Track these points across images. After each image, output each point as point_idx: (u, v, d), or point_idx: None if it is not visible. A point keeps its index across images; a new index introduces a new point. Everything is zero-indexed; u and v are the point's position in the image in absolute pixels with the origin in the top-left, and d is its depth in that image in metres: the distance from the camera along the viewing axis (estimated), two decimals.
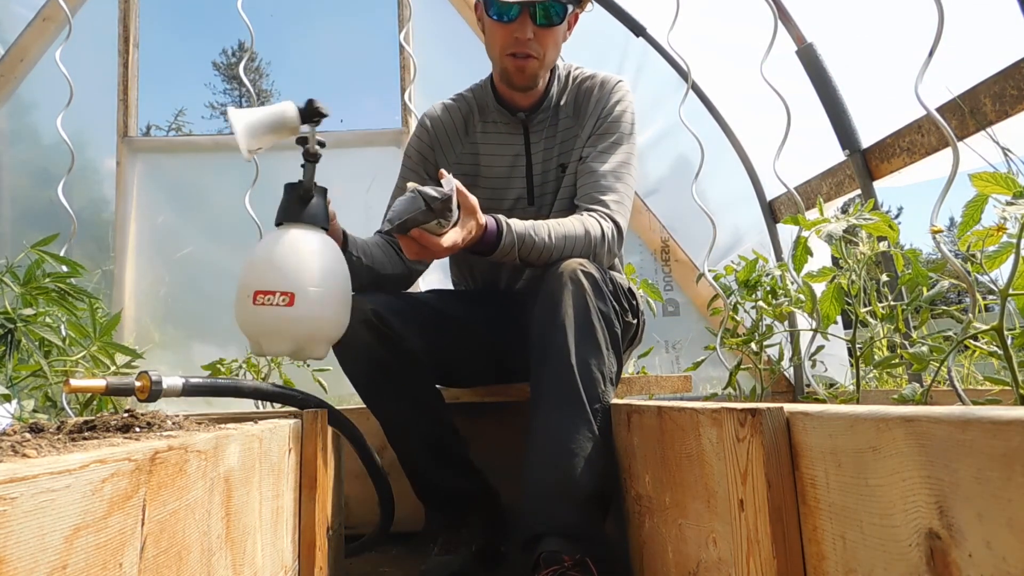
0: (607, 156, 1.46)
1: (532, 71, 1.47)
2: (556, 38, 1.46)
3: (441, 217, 1.13)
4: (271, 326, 1.09)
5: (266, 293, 1.07)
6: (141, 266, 2.85)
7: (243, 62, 2.42)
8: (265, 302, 1.07)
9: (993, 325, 0.87)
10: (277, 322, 1.08)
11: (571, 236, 1.34)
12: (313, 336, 1.12)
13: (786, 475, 0.67)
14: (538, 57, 1.45)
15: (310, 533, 1.15)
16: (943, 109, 1.66)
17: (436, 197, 1.10)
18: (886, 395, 1.71)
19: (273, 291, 1.07)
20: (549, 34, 1.44)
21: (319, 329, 1.12)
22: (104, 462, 0.47)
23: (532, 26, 1.42)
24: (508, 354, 1.57)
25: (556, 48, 1.48)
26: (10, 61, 2.86)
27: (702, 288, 2.67)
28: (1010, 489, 0.39)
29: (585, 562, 1.13)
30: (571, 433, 1.19)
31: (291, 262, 1.10)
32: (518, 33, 1.42)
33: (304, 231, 1.13)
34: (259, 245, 1.15)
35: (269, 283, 1.08)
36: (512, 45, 1.43)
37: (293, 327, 1.09)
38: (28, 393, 1.44)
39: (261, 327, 1.10)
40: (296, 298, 1.07)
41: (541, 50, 1.44)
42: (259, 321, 1.09)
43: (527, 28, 1.41)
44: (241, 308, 1.11)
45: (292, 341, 1.11)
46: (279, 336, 1.10)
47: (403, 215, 1.10)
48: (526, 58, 1.44)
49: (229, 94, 29.63)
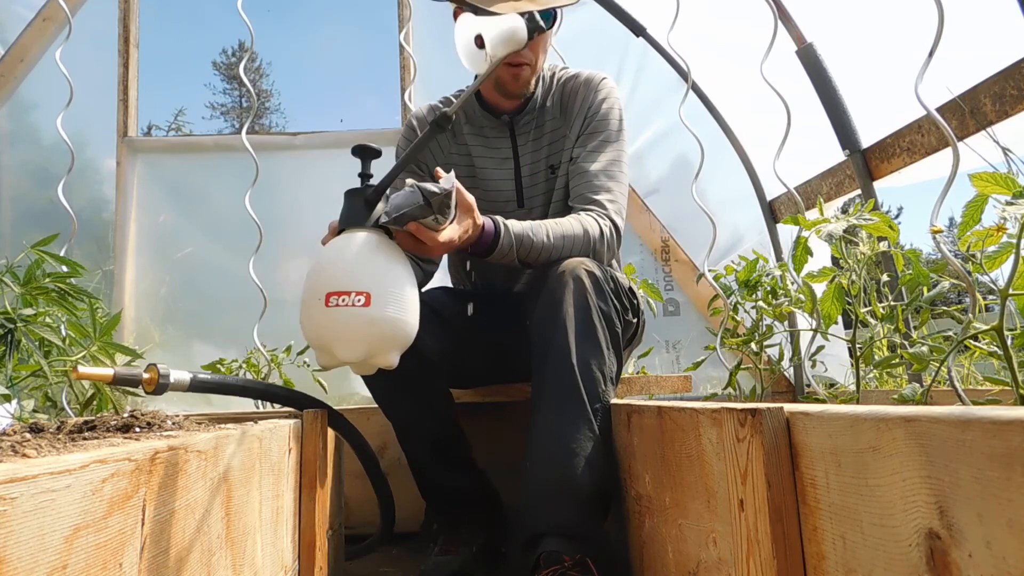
0: (597, 155, 1.46)
1: (526, 78, 1.47)
2: (546, 43, 1.47)
3: (439, 213, 1.12)
4: (346, 328, 1.03)
5: (340, 293, 1.02)
6: (141, 266, 2.85)
7: (243, 62, 2.42)
8: (340, 303, 1.01)
9: (993, 325, 0.87)
10: (353, 322, 1.02)
11: (570, 236, 1.34)
12: (388, 337, 1.06)
13: (786, 475, 0.67)
14: (531, 64, 1.45)
15: (310, 533, 1.16)
16: (943, 109, 1.67)
17: (435, 192, 1.10)
18: (886, 395, 1.71)
19: (348, 291, 1.01)
20: (540, 40, 1.44)
21: (395, 330, 1.06)
22: (104, 462, 0.47)
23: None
24: (508, 354, 1.57)
25: (545, 52, 1.50)
26: (10, 61, 2.86)
27: (703, 288, 2.67)
28: (1010, 489, 0.39)
29: (585, 562, 1.13)
30: (572, 432, 1.19)
31: (364, 262, 1.05)
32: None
33: (372, 234, 1.09)
34: (325, 250, 1.10)
35: (343, 283, 1.02)
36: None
37: (370, 328, 1.03)
38: (28, 393, 1.44)
39: (335, 330, 1.04)
40: (372, 297, 1.02)
41: (533, 57, 1.45)
42: (332, 324, 1.03)
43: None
44: (310, 313, 1.05)
45: (367, 343, 1.04)
46: (355, 338, 1.03)
47: (401, 208, 1.09)
48: (520, 67, 1.44)
49: (229, 94, 29.65)
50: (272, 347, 2.13)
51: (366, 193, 1.11)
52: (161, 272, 2.86)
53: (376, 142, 1.21)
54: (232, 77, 28.95)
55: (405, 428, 1.47)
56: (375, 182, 1.13)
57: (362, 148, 1.17)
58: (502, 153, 1.57)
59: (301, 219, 2.90)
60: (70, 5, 2.57)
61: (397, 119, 2.90)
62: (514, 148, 1.56)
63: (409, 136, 1.61)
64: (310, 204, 2.88)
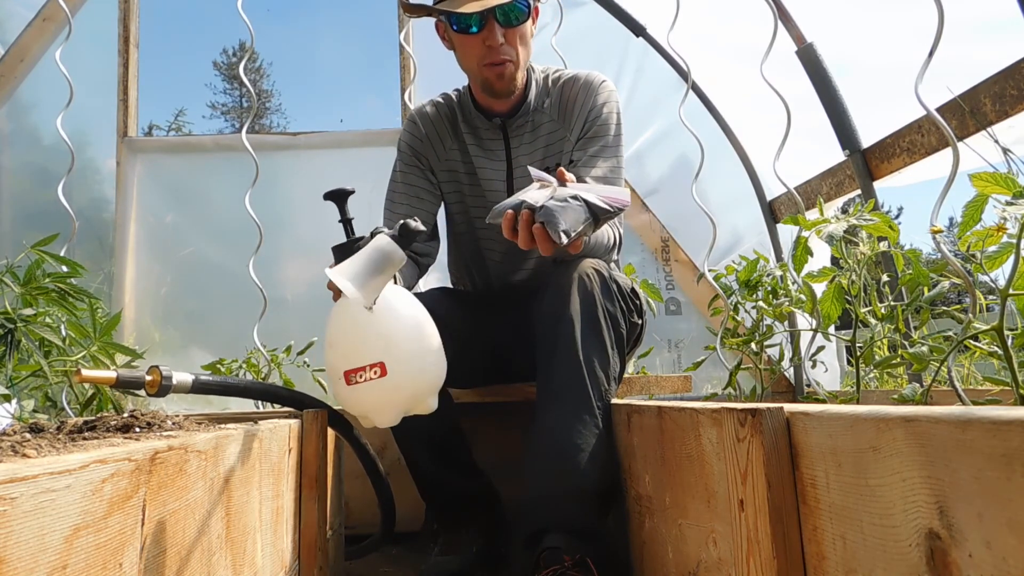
0: (598, 160, 1.46)
1: (510, 74, 1.45)
2: (525, 36, 1.45)
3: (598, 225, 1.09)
4: (373, 402, 1.03)
5: (356, 371, 1.00)
6: (141, 266, 2.85)
7: (243, 62, 2.42)
8: (358, 379, 1.00)
9: (993, 325, 0.87)
10: (377, 395, 1.01)
11: (600, 240, 1.37)
12: (416, 395, 1.05)
13: (786, 475, 0.67)
14: (512, 60, 1.44)
15: (310, 533, 1.15)
16: (943, 109, 1.66)
17: (608, 211, 1.05)
18: (886, 395, 1.71)
19: (362, 366, 1.00)
20: (517, 33, 1.42)
21: (420, 384, 1.05)
22: (104, 462, 0.47)
23: (500, 30, 1.40)
24: (508, 354, 1.57)
25: (527, 46, 1.47)
26: (10, 61, 2.86)
27: (703, 287, 2.67)
28: (1010, 489, 0.39)
29: (586, 562, 1.13)
30: (577, 427, 1.20)
31: (370, 332, 1.02)
32: (489, 41, 1.40)
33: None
34: (329, 324, 1.07)
35: (355, 360, 1.01)
36: (486, 55, 1.42)
37: (395, 394, 1.02)
38: (28, 393, 1.44)
39: (363, 406, 1.04)
40: (388, 365, 1.00)
41: (513, 51, 1.43)
42: (359, 401, 1.03)
43: (496, 33, 1.40)
44: (337, 391, 1.04)
45: (398, 407, 1.04)
46: (385, 408, 1.04)
47: (575, 228, 1.03)
48: (502, 64, 1.43)
49: (230, 94, 29.64)
50: (272, 347, 2.13)
51: (354, 248, 1.07)
52: (161, 272, 2.86)
53: (376, 142, 1.21)
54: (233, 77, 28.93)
55: (404, 429, 1.47)
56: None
57: (336, 193, 1.14)
58: (496, 155, 1.57)
59: (301, 219, 2.91)
60: (70, 5, 2.57)
61: (397, 119, 2.90)
62: (507, 150, 1.56)
63: (411, 131, 1.61)
64: (310, 204, 2.87)
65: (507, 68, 1.44)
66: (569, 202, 1.03)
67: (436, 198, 1.61)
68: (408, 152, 1.60)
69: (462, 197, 1.61)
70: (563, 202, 1.03)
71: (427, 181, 1.59)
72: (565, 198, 1.04)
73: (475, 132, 1.58)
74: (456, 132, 1.59)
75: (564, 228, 1.00)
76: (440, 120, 1.59)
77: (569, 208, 1.02)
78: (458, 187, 1.61)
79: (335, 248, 1.12)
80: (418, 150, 1.59)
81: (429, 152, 1.59)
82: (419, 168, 1.59)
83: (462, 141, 1.58)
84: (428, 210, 1.58)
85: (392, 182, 1.61)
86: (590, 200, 1.04)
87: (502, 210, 1.06)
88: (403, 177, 1.59)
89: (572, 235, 1.01)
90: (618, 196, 1.07)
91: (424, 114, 1.61)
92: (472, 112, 1.57)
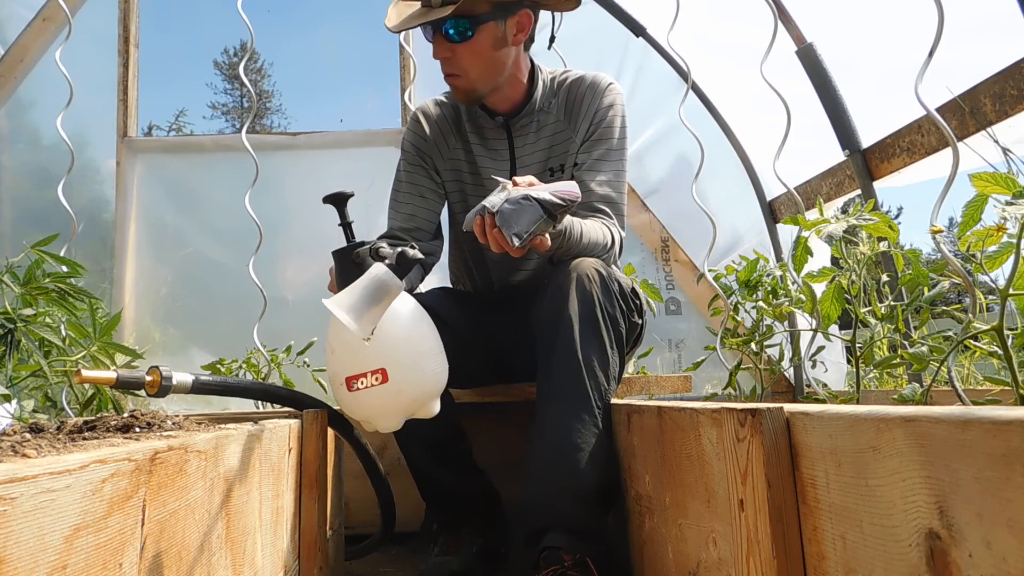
0: (603, 164, 1.47)
1: (463, 87, 1.45)
2: (476, 52, 1.40)
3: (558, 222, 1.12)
4: (376, 408, 1.04)
5: (357, 377, 1.02)
6: (141, 266, 2.85)
7: (244, 62, 2.42)
8: (360, 386, 1.02)
9: (993, 325, 0.87)
10: (380, 401, 1.03)
11: (595, 239, 1.37)
12: (418, 400, 1.06)
13: (786, 475, 0.67)
14: (460, 74, 1.43)
15: (310, 533, 1.15)
16: (943, 109, 1.66)
17: (561, 205, 1.08)
18: (886, 395, 1.71)
19: (364, 372, 1.01)
20: (465, 49, 1.40)
21: (422, 389, 1.06)
22: (104, 462, 0.47)
23: (445, 44, 1.40)
24: (508, 354, 1.57)
25: (482, 62, 1.42)
26: (10, 61, 2.86)
27: (703, 287, 2.67)
28: (1010, 489, 0.39)
29: (586, 562, 1.13)
30: (577, 427, 1.20)
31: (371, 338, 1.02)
32: (434, 54, 1.43)
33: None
34: (330, 329, 1.08)
35: (356, 366, 1.02)
36: (441, 65, 1.45)
37: (397, 400, 1.03)
38: (28, 393, 1.44)
39: (366, 412, 1.05)
40: (389, 371, 1.01)
41: (461, 66, 1.42)
42: (362, 407, 1.04)
43: (440, 47, 1.41)
44: (340, 397, 1.06)
45: (401, 412, 1.05)
46: (388, 413, 1.05)
47: (529, 229, 1.06)
48: (451, 76, 1.44)
49: (230, 94, 29.63)
50: (272, 347, 2.13)
51: (354, 253, 1.08)
52: (161, 272, 2.86)
53: (376, 142, 1.21)
54: (233, 77, 28.92)
55: (405, 429, 1.47)
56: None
57: (335, 197, 1.14)
58: (500, 154, 1.57)
59: (301, 219, 2.90)
60: (70, 5, 2.57)
61: (397, 119, 2.90)
62: (511, 149, 1.56)
63: (415, 129, 1.61)
64: (310, 204, 2.86)
65: (457, 81, 1.45)
66: (521, 203, 1.07)
67: (440, 197, 1.61)
68: (412, 151, 1.60)
69: (465, 196, 1.61)
70: (515, 204, 1.07)
71: (431, 180, 1.59)
72: (518, 200, 1.08)
73: (479, 131, 1.58)
74: (460, 131, 1.59)
75: (516, 231, 1.06)
76: (444, 119, 1.60)
77: (521, 209, 1.07)
78: (461, 186, 1.61)
79: (335, 253, 1.12)
80: (422, 149, 1.59)
81: (433, 151, 1.59)
82: (423, 167, 1.59)
83: (466, 140, 1.58)
84: (432, 209, 1.59)
85: (396, 181, 1.61)
86: (541, 198, 1.07)
87: (472, 216, 1.10)
88: (407, 176, 1.59)
89: (525, 236, 1.06)
90: (570, 189, 1.11)
91: (428, 113, 1.61)
92: (476, 110, 1.57)
